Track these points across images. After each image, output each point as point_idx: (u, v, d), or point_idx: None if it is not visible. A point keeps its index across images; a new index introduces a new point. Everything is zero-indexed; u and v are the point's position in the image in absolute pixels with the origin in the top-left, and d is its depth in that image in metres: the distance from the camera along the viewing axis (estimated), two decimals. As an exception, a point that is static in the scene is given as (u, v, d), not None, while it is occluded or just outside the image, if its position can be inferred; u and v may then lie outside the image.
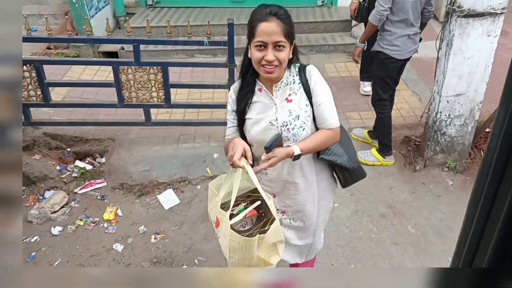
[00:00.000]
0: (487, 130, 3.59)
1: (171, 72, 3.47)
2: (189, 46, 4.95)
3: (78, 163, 3.62)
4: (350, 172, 1.94)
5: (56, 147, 3.72)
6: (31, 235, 3.03)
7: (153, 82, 3.45)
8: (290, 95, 1.77)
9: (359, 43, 3.37)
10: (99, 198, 3.35)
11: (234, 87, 1.84)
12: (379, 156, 3.58)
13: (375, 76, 3.48)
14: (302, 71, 1.78)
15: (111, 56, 5.13)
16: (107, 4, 5.48)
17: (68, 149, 3.74)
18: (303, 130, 1.76)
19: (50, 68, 4.10)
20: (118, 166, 3.58)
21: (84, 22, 3.51)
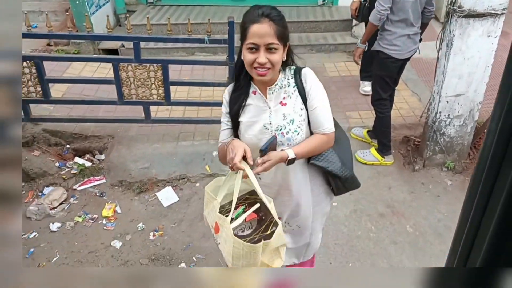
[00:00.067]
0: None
1: (171, 70, 3.47)
2: (189, 44, 4.93)
3: (78, 159, 3.63)
4: (342, 181, 1.88)
5: (55, 144, 3.72)
6: (30, 231, 3.03)
7: (153, 79, 3.45)
8: (284, 98, 1.72)
9: (360, 44, 3.36)
10: (98, 195, 3.35)
11: (229, 89, 1.80)
12: (378, 155, 3.58)
13: (375, 75, 3.48)
14: (298, 74, 1.73)
15: (111, 53, 5.12)
16: (107, 1, 5.48)
17: (68, 145, 3.74)
18: (298, 134, 1.72)
19: (50, 65, 4.10)
20: (117, 163, 3.58)
21: (84, 19, 3.50)
